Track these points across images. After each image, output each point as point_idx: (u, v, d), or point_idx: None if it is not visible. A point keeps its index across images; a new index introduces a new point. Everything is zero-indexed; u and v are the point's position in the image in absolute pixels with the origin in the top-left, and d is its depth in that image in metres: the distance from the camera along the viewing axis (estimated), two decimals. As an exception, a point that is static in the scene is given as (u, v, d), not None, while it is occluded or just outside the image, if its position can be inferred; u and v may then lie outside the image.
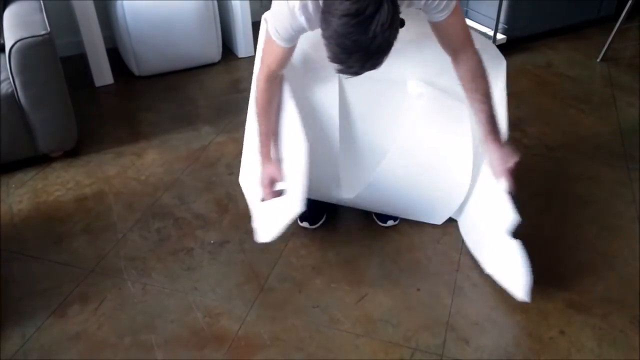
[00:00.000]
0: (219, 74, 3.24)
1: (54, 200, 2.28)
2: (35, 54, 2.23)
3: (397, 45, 1.36)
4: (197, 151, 2.56)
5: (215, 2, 3.18)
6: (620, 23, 3.15)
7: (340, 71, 1.39)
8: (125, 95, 3.08)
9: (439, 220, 2.07)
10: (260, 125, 1.82)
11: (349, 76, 1.41)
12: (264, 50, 1.70)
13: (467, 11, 3.55)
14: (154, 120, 2.81)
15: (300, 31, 1.55)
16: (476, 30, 3.37)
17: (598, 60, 3.26)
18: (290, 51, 1.65)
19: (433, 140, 1.93)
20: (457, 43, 1.66)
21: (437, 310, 1.78)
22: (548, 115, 2.79)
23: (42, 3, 2.51)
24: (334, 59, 1.35)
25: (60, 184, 2.37)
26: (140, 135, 2.69)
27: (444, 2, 1.51)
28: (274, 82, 1.74)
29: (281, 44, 1.60)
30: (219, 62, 3.33)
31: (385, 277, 1.89)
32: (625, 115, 2.75)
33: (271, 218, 1.84)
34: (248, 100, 2.92)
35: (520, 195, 2.26)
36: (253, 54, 3.39)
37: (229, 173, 2.41)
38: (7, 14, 2.47)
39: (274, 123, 1.82)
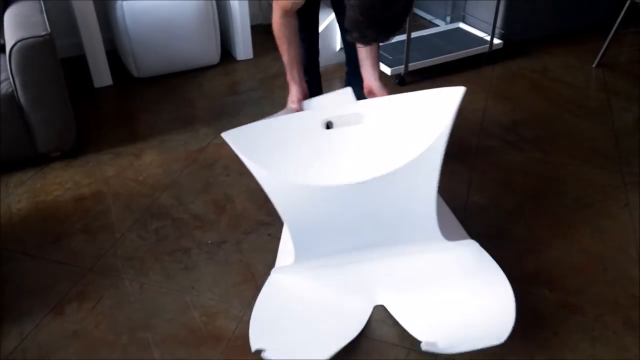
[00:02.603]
0: (217, 77, 3.26)
1: (53, 200, 2.29)
2: (36, 55, 2.25)
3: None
4: (195, 152, 2.58)
5: (215, 5, 3.20)
6: (616, 29, 3.18)
7: (353, 38, 1.56)
8: (124, 97, 3.09)
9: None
10: (283, 55, 1.97)
11: (361, 45, 1.61)
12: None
13: (464, 16, 3.58)
14: (153, 122, 2.83)
15: None
16: (473, 34, 3.40)
17: (594, 65, 3.29)
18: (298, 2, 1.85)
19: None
20: None
21: (432, 311, 1.79)
22: (543, 120, 2.81)
23: (42, 4, 2.53)
24: (353, 26, 1.50)
25: (58, 183, 2.38)
26: (139, 136, 2.70)
27: None
28: (288, 16, 1.91)
29: None
30: (217, 64, 3.35)
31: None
32: (620, 120, 2.78)
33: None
34: (246, 102, 2.94)
35: (516, 197, 2.29)
36: (252, 57, 3.43)
37: (227, 174, 2.43)
38: (8, 14, 2.48)
39: (295, 53, 1.98)
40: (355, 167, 1.68)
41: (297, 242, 1.79)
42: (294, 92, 1.99)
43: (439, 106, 1.69)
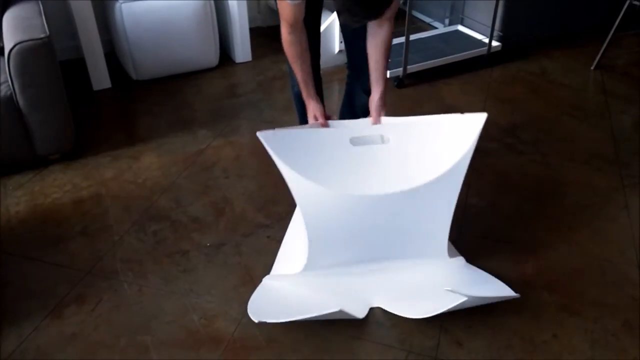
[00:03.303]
0: (216, 79, 3.26)
1: (51, 203, 2.29)
2: (34, 57, 2.24)
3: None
4: (194, 155, 2.58)
5: (214, 7, 3.20)
6: (614, 31, 3.18)
7: (345, 20, 1.61)
8: (123, 99, 3.09)
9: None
10: (297, 73, 1.94)
11: (355, 25, 1.65)
12: (279, 9, 1.84)
13: (462, 18, 3.59)
14: (151, 124, 2.83)
15: None
16: (471, 37, 3.41)
17: (592, 67, 3.29)
18: (299, 6, 1.79)
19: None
20: (390, 14, 1.85)
21: (431, 313, 1.79)
22: (542, 122, 2.81)
23: (41, 6, 2.53)
24: (341, 5, 1.55)
25: (57, 186, 2.38)
26: (138, 139, 2.70)
27: None
28: (296, 32, 1.87)
29: (288, 0, 1.77)
30: (216, 67, 3.35)
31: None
32: (618, 123, 2.78)
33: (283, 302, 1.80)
34: (245, 104, 2.95)
35: (514, 199, 2.29)
36: (250, 60, 3.44)
37: (226, 177, 2.43)
38: (7, 17, 2.48)
39: (309, 69, 1.94)
40: (379, 181, 1.74)
41: (313, 249, 1.80)
42: (314, 107, 1.97)
43: (462, 131, 1.76)
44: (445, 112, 2.74)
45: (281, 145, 1.73)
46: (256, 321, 1.66)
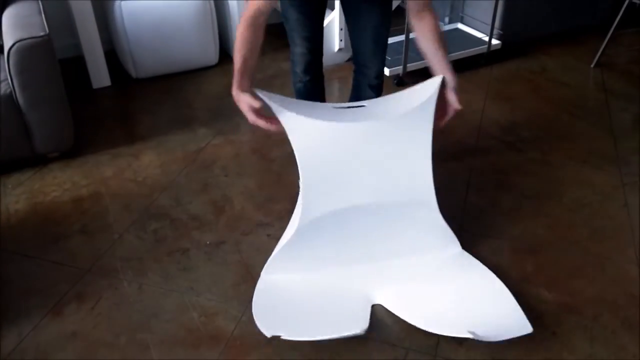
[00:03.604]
0: (216, 77, 3.26)
1: (51, 201, 2.29)
2: (34, 55, 2.24)
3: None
4: (194, 153, 2.58)
5: (213, 6, 3.20)
6: (614, 29, 3.18)
7: None
8: (123, 97, 3.09)
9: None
10: (236, 54, 1.84)
11: None
12: None
13: (462, 17, 3.58)
14: (151, 122, 2.83)
15: None
16: (471, 35, 3.41)
17: (592, 65, 3.29)
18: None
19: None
20: (425, 4, 1.86)
21: (431, 311, 1.79)
22: (542, 120, 2.81)
23: (40, 5, 2.53)
24: None
25: (57, 184, 2.38)
26: (137, 137, 2.70)
27: None
28: (257, 22, 1.80)
29: None
30: (216, 65, 3.35)
31: (380, 278, 1.90)
32: (618, 120, 2.78)
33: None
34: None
35: (514, 198, 2.29)
36: (250, 58, 3.42)
37: (225, 175, 2.43)
38: (6, 15, 2.48)
39: (251, 61, 1.87)
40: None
41: (307, 189, 1.83)
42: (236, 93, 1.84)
43: (426, 87, 1.91)
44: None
45: (275, 99, 1.85)
46: (268, 336, 1.66)
